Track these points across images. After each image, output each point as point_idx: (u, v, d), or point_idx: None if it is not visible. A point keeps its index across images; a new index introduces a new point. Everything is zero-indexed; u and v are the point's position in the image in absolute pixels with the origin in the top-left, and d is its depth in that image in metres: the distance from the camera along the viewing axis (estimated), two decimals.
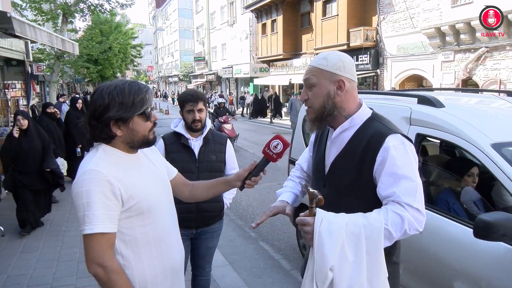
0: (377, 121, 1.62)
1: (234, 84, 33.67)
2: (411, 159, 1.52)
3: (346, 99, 1.62)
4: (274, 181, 7.50)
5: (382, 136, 1.53)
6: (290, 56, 22.88)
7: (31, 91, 10.01)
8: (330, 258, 1.40)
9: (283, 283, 3.92)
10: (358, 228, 1.43)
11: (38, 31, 6.66)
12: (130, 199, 1.44)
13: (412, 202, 1.46)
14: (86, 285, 3.69)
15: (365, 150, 1.56)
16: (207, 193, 1.87)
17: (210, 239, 2.81)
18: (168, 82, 61.02)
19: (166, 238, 1.58)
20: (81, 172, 1.42)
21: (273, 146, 1.66)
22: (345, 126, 1.63)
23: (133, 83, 1.51)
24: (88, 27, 23.17)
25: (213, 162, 2.72)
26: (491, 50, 11.90)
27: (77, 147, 7.42)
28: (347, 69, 1.60)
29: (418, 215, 1.47)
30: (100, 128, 1.46)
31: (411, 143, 1.57)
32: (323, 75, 1.61)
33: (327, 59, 1.61)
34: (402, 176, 1.48)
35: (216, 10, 35.26)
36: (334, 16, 17.73)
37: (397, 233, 1.45)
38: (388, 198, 1.50)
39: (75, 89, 37.77)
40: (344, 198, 1.61)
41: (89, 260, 1.39)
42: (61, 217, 5.67)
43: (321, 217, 1.44)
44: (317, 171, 1.79)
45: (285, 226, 5.37)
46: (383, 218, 1.44)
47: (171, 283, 1.60)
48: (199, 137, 2.71)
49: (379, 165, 1.52)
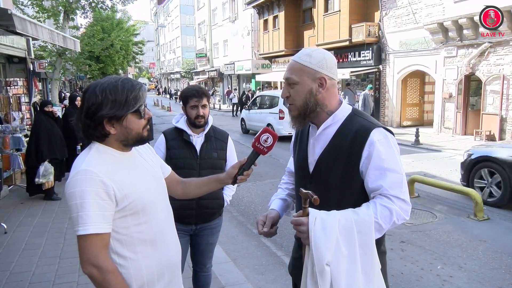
0: (359, 116, 1.66)
1: (236, 81, 33.62)
2: (395, 151, 1.59)
3: (327, 96, 1.65)
4: (276, 177, 7.59)
5: (366, 131, 1.58)
6: (292, 52, 22.75)
7: (33, 89, 10.01)
8: (326, 254, 1.45)
9: (286, 280, 3.91)
10: (350, 223, 1.49)
11: (39, 28, 6.65)
12: (124, 199, 1.43)
13: (399, 194, 1.54)
14: (88, 282, 3.66)
15: (350, 145, 1.59)
16: (199, 190, 1.88)
17: (210, 235, 2.80)
18: (170, 79, 61.00)
19: (162, 236, 1.57)
20: (74, 172, 1.41)
21: (263, 140, 1.69)
22: (328, 123, 1.66)
23: (126, 80, 1.48)
24: (89, 24, 23.16)
25: (215, 159, 2.69)
26: (494, 45, 11.82)
27: (78, 144, 7.38)
28: (329, 67, 1.63)
29: (404, 205, 1.55)
30: (93, 127, 1.44)
31: (393, 135, 1.64)
32: (305, 72, 1.62)
33: (311, 56, 1.63)
34: (388, 169, 1.54)
35: (217, 6, 35.17)
36: (336, 11, 17.65)
37: (387, 224, 1.53)
38: (375, 191, 1.56)
39: (77, 86, 37.80)
40: (332, 193, 1.63)
41: (84, 260, 1.39)
42: (63, 215, 5.67)
43: (314, 216, 1.50)
44: (300, 169, 1.81)
45: (287, 223, 5.32)
46: (372, 212, 1.51)
47: (168, 280, 1.60)
48: (201, 134, 2.68)
49: (365, 159, 1.57)
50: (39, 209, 5.96)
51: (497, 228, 5.21)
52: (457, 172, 8.30)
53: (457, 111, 13.32)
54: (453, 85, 13.36)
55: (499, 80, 11.80)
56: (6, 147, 6.84)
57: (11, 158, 6.75)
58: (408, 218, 1.58)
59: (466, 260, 4.25)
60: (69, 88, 34.22)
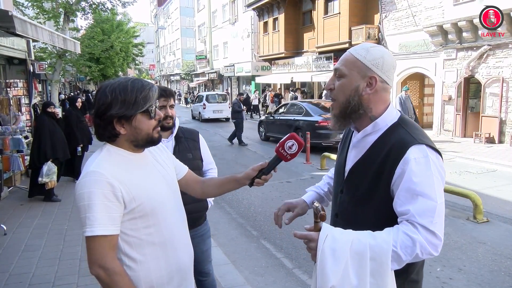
0: (402, 127, 1.47)
1: (236, 83, 33.64)
2: (434, 175, 1.36)
3: (374, 99, 1.49)
4: (276, 179, 7.46)
5: (404, 147, 1.39)
6: (292, 55, 22.84)
7: (33, 90, 10.01)
8: (331, 277, 1.33)
9: (285, 282, 3.91)
10: (363, 247, 1.33)
11: (39, 30, 6.65)
12: (132, 201, 1.43)
13: (428, 224, 1.32)
14: (88, 283, 3.69)
15: (384, 159, 1.43)
16: (217, 190, 1.85)
17: (201, 242, 2.71)
18: (170, 81, 61.01)
19: (172, 239, 1.56)
20: (84, 173, 1.42)
21: (287, 146, 1.59)
22: (368, 131, 1.51)
23: (137, 81, 1.50)
24: (89, 25, 23.19)
25: (191, 160, 2.53)
26: (493, 48, 11.85)
27: (79, 146, 7.41)
28: (385, 69, 1.47)
29: (432, 238, 1.32)
30: (103, 126, 1.46)
31: (439, 155, 1.42)
32: (356, 66, 1.47)
33: (368, 51, 1.48)
34: (420, 193, 1.34)
35: (217, 8, 35.23)
36: (336, 14, 17.69)
37: (407, 256, 1.32)
38: (402, 215, 1.37)
39: (77, 88, 37.81)
40: (359, 207, 1.52)
41: (91, 261, 1.39)
42: (63, 216, 5.67)
43: (326, 233, 1.36)
44: (337, 175, 1.70)
45: (287, 225, 5.34)
46: (392, 240, 1.32)
47: (178, 284, 1.59)
48: (170, 137, 2.52)
49: (397, 178, 1.39)
50: (38, 210, 5.95)
51: (497, 230, 5.21)
52: (457, 175, 8.31)
53: (456, 113, 13.34)
54: (453, 87, 13.38)
55: (498, 82, 11.83)
56: (6, 148, 6.85)
57: (11, 159, 6.75)
58: (436, 254, 1.34)
59: (466, 262, 4.25)
60: (69, 90, 34.23)
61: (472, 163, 9.54)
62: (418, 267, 1.53)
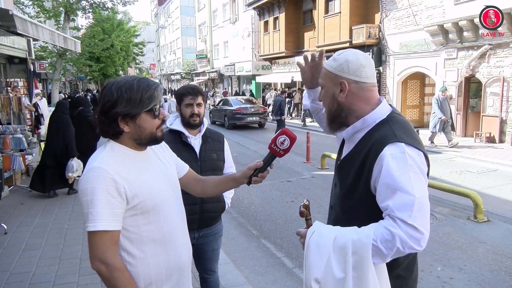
0: (388, 124, 1.50)
1: (236, 82, 33.64)
2: (410, 169, 1.39)
3: (353, 101, 1.55)
4: (277, 179, 7.45)
5: (382, 143, 1.43)
6: (292, 54, 22.82)
7: (33, 89, 10.02)
8: (314, 270, 1.42)
9: (286, 281, 3.92)
10: (346, 242, 1.39)
11: (40, 29, 6.66)
12: (134, 197, 1.45)
13: (407, 218, 1.34)
14: (89, 282, 3.69)
15: (366, 156, 1.48)
16: (216, 189, 1.87)
17: (214, 241, 2.77)
18: (170, 80, 61.04)
19: (172, 237, 1.58)
20: (88, 169, 1.44)
21: (279, 142, 1.62)
22: (357, 127, 1.56)
23: (143, 80, 1.51)
24: (90, 24, 23.19)
25: (215, 160, 2.66)
26: (494, 47, 11.84)
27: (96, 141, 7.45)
28: (352, 71, 1.53)
29: (413, 232, 1.34)
30: (108, 124, 1.47)
31: (422, 153, 1.45)
32: (328, 77, 1.58)
33: (335, 59, 1.58)
34: (398, 187, 1.37)
35: (218, 7, 35.21)
36: (337, 13, 17.68)
37: (388, 250, 1.35)
38: (385, 210, 1.41)
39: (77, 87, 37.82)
40: (347, 201, 1.58)
41: (92, 256, 1.41)
42: (63, 215, 5.67)
43: (313, 229, 1.46)
44: (334, 169, 1.77)
45: (287, 224, 5.37)
46: (373, 234, 1.36)
47: (176, 281, 1.60)
48: (198, 135, 2.61)
49: (377, 174, 1.43)
50: (39, 209, 5.96)
51: (497, 230, 5.20)
52: (457, 174, 8.31)
53: (457, 113, 13.32)
54: (453, 87, 13.36)
55: (499, 82, 11.82)
56: (7, 147, 6.86)
57: (11, 158, 6.76)
58: (420, 248, 1.36)
59: (466, 262, 4.25)
60: (70, 89, 34.25)
61: (473, 163, 9.53)
62: (406, 263, 1.56)
